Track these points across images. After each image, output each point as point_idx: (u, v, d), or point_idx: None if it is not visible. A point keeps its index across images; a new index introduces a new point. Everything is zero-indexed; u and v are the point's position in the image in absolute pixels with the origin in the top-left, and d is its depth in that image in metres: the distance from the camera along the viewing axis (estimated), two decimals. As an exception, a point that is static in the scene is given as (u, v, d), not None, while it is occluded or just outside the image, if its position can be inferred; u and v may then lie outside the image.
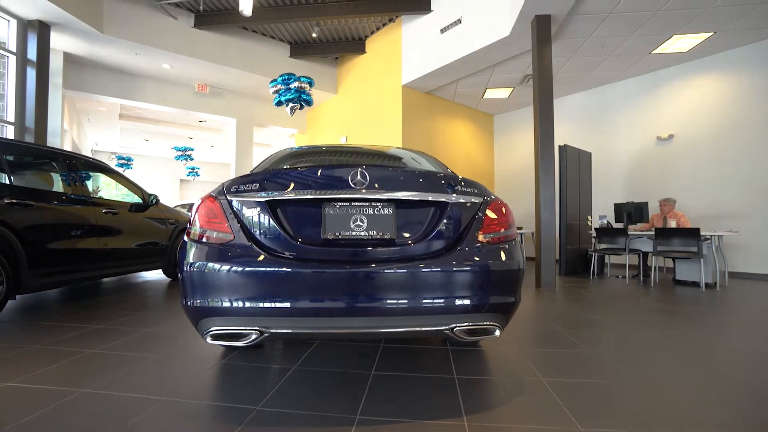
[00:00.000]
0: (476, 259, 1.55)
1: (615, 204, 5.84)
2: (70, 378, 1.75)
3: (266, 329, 1.45)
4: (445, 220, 1.59)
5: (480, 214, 1.64)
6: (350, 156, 2.29)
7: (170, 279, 4.95)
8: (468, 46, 5.82)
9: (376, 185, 1.56)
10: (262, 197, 1.55)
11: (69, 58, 6.98)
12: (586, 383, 1.78)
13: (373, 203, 1.57)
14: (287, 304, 1.44)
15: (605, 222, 5.71)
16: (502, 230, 1.67)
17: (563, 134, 7.83)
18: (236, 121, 9.16)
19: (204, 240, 1.55)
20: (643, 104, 6.72)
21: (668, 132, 6.34)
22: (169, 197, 19.35)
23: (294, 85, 5.71)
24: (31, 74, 5.80)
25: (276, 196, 1.55)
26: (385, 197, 1.56)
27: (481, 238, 1.60)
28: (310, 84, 5.94)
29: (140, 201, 4.45)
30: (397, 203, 1.59)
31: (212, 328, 1.48)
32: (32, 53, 5.77)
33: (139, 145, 16.31)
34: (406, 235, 1.57)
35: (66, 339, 2.35)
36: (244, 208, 1.56)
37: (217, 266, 1.48)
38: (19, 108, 5.75)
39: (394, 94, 7.35)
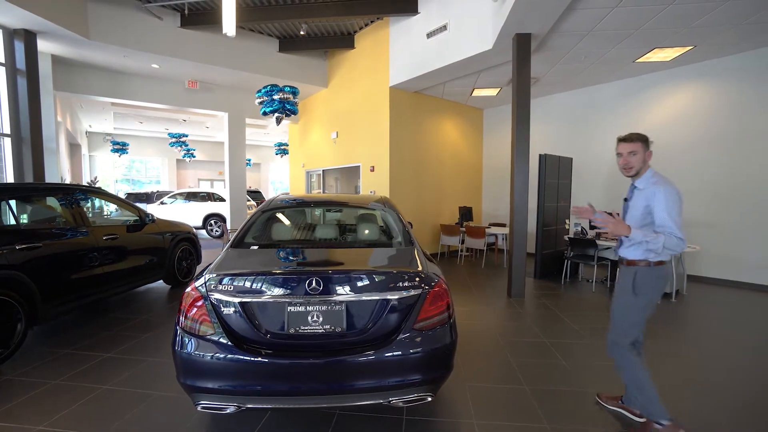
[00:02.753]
0: (411, 344, 1.90)
1: (590, 211, 6.12)
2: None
3: (242, 405, 1.83)
4: (387, 314, 1.92)
5: (419, 304, 1.97)
6: (318, 229, 2.65)
7: (170, 286, 5.34)
8: (453, 55, 5.86)
9: (329, 289, 1.89)
10: (238, 298, 1.88)
11: (57, 60, 7.00)
12: (520, 428, 2.18)
13: (327, 302, 1.90)
14: (258, 387, 1.82)
15: (580, 228, 6.02)
16: (438, 315, 2.00)
17: (548, 135, 7.97)
18: (227, 115, 9.23)
19: (190, 331, 1.89)
20: (627, 108, 6.82)
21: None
22: (166, 179, 19.52)
23: (277, 96, 5.80)
24: (22, 84, 5.89)
25: (248, 297, 1.88)
26: (336, 299, 1.89)
27: (417, 326, 1.94)
28: (294, 93, 6.02)
29: (137, 219, 4.76)
30: (348, 302, 1.91)
31: (200, 402, 1.86)
32: (21, 62, 5.82)
33: (133, 126, 16.29)
34: (354, 328, 1.91)
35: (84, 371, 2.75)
36: (222, 306, 1.89)
37: (201, 355, 1.83)
38: (14, 119, 5.89)
39: (381, 95, 7.42)
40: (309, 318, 1.89)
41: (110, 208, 6.25)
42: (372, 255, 2.39)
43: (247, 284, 1.91)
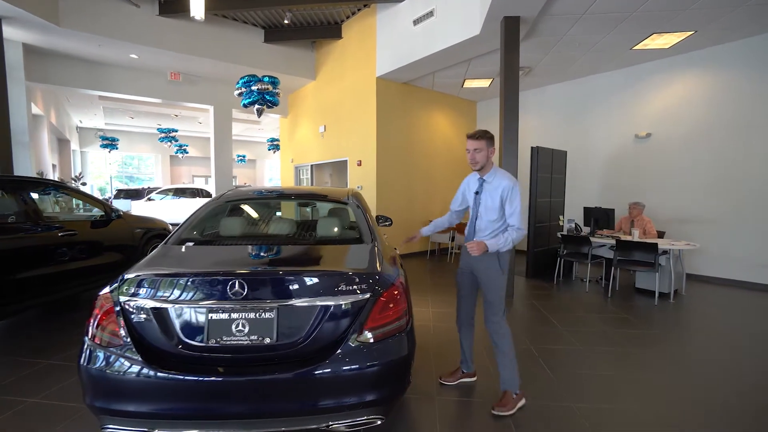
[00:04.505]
0: (356, 358, 1.62)
1: (585, 208, 5.82)
2: None
3: (151, 430, 1.55)
4: (327, 323, 1.64)
5: (366, 311, 1.68)
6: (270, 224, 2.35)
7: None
8: (440, 42, 5.56)
9: (256, 294, 1.61)
10: (150, 303, 1.60)
11: (30, 50, 6.71)
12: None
13: (254, 309, 1.62)
14: (170, 410, 1.54)
15: (573, 225, 5.72)
16: (391, 323, 1.71)
17: (542, 128, 7.65)
18: (213, 109, 8.94)
19: (97, 342, 1.61)
20: (624, 99, 6.50)
21: (646, 130, 6.18)
22: (159, 176, 19.27)
23: (255, 87, 5.50)
24: (-13, 72, 5.62)
25: (162, 302, 1.60)
26: (265, 306, 1.61)
27: (362, 338, 1.65)
28: (274, 84, 5.72)
29: (103, 214, 4.48)
30: (279, 308, 1.63)
31: (106, 426, 1.58)
32: (-15, 50, 5.55)
33: (124, 122, 16.01)
34: (287, 339, 1.62)
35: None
36: (133, 313, 1.61)
37: (106, 370, 1.55)
38: (-21, 109, 5.62)
39: (368, 86, 7.12)
40: (233, 327, 1.60)
41: (75, 203, 5.99)
42: (320, 253, 2.11)
43: (162, 287, 1.63)
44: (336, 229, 2.38)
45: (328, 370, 1.58)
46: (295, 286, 1.66)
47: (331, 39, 8.04)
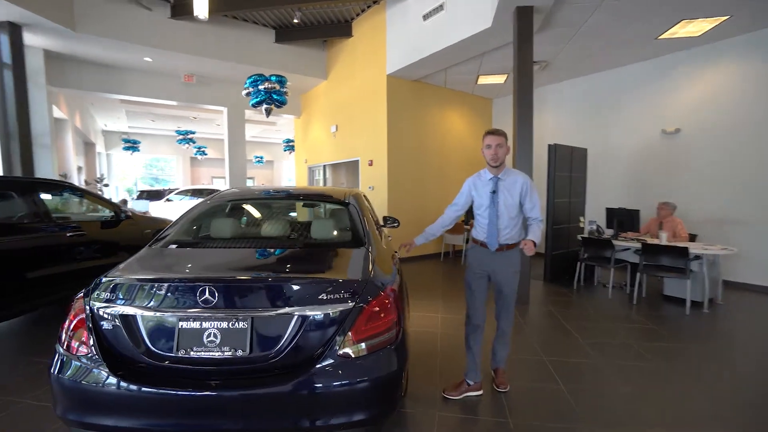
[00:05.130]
0: (339, 373, 1.46)
1: (607, 208, 5.46)
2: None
3: (118, 446, 1.44)
4: (306, 335, 1.49)
5: (350, 322, 1.52)
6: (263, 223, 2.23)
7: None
8: (451, 36, 5.34)
9: (228, 302, 1.47)
10: (120, 309, 1.49)
11: (51, 55, 6.90)
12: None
13: (227, 318, 1.48)
14: (138, 425, 1.42)
15: (595, 227, 5.38)
16: (379, 335, 1.55)
17: (560, 125, 7.30)
18: (227, 110, 9.00)
19: (67, 350, 1.52)
20: (649, 93, 6.07)
21: (675, 126, 5.75)
22: (180, 177, 19.75)
23: (262, 86, 5.43)
24: (8, 77, 5.79)
25: (132, 308, 1.49)
26: (239, 315, 1.47)
27: (346, 351, 1.49)
28: (281, 83, 5.63)
29: (113, 214, 4.50)
30: (254, 317, 1.49)
31: None
32: (6, 56, 5.71)
33: (146, 125, 16.46)
34: (262, 352, 1.48)
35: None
36: (103, 320, 1.51)
37: (74, 380, 1.46)
38: (1, 114, 5.80)
39: (379, 84, 6.96)
40: (204, 337, 1.47)
41: (85, 204, 6.09)
42: (306, 257, 1.96)
43: (131, 293, 1.52)
44: (327, 232, 2.23)
45: (307, 386, 1.43)
46: (271, 294, 1.52)
47: (341, 37, 7.93)
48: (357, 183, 8.00)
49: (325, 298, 1.51)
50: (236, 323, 1.48)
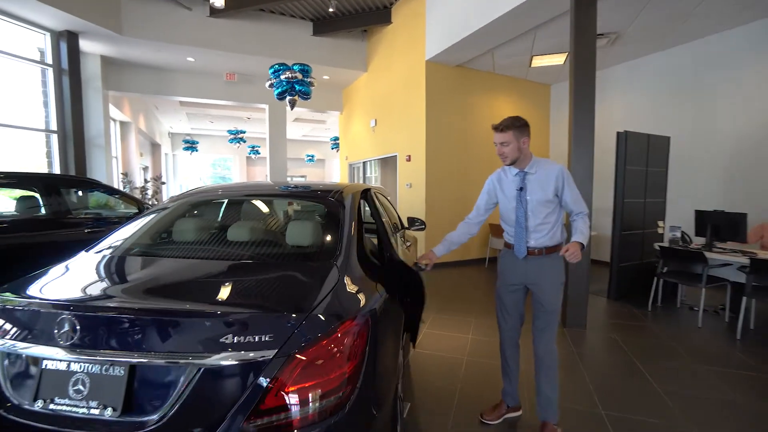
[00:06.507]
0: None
1: (697, 211, 4.31)
2: None
3: None
4: (200, 394, 1.00)
5: (266, 377, 1.00)
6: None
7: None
8: (498, 6, 4.59)
9: (101, 341, 1.04)
10: None
11: (107, 61, 7.33)
12: None
13: (100, 362, 1.05)
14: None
15: (679, 235, 4.28)
16: (314, 399, 1.02)
17: (630, 110, 6.09)
18: (268, 108, 9.01)
19: None
20: (753, 64, 4.73)
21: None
22: (237, 175, 20.83)
23: (284, 76, 5.12)
24: (66, 82, 6.18)
25: None
26: (114, 359, 1.03)
27: (261, 421, 0.98)
28: (305, 72, 5.26)
29: (137, 211, 4.51)
30: (134, 364, 1.04)
31: None
32: (64, 62, 6.10)
33: (205, 126, 17.48)
34: (138, 415, 1.03)
35: None
36: None
37: None
38: (60, 116, 6.22)
39: (417, 72, 6.37)
40: (69, 385, 1.06)
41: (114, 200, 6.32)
42: (238, 277, 1.46)
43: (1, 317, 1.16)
44: (285, 240, 1.72)
45: None
46: (162, 332, 1.05)
47: (380, 25, 7.45)
48: (395, 180, 7.48)
49: (234, 341, 1.01)
50: (110, 369, 1.04)
